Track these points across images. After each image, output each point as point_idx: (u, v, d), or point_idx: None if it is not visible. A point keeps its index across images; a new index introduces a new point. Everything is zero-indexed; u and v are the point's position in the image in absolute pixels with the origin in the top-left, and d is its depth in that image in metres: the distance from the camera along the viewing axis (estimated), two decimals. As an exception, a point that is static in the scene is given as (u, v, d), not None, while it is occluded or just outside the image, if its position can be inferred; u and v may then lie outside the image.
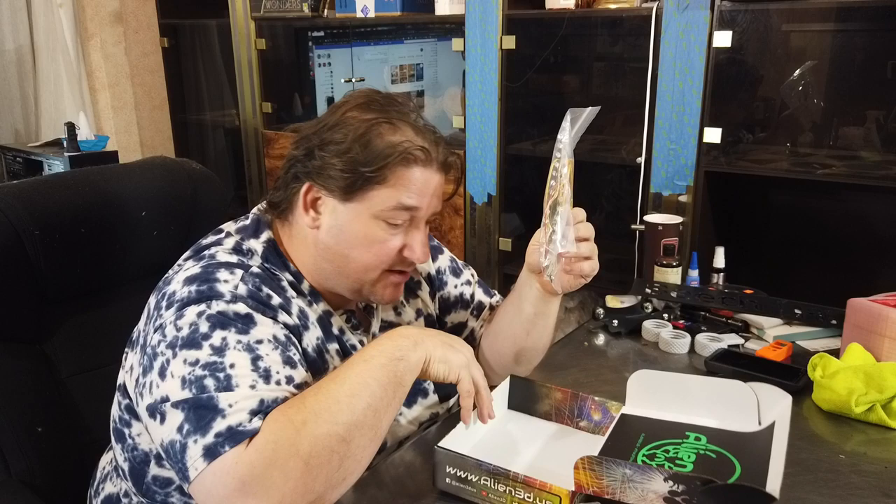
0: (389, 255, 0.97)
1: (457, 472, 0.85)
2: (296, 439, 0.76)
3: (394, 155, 0.92)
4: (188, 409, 0.80)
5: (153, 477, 0.96)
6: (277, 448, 0.75)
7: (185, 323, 0.86)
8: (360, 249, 0.96)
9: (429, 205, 0.97)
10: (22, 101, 2.86)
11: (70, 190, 1.18)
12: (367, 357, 0.86)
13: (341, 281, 0.99)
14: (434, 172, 0.97)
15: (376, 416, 0.82)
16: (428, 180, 0.96)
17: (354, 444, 0.80)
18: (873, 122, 1.74)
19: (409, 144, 0.93)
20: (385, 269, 0.98)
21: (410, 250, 0.98)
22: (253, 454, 0.75)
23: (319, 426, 0.78)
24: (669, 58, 1.72)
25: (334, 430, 0.78)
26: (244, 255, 0.97)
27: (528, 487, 0.80)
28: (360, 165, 0.92)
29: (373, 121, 0.94)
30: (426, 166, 0.95)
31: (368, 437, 0.81)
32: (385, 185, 0.93)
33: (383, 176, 0.93)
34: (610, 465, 0.78)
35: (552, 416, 1.03)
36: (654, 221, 1.59)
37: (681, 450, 0.90)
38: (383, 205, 0.94)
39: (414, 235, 0.98)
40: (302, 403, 0.80)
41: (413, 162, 0.94)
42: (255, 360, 0.83)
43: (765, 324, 1.39)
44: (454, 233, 2.22)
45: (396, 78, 2.50)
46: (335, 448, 0.78)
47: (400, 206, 0.94)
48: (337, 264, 0.98)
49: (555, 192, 0.97)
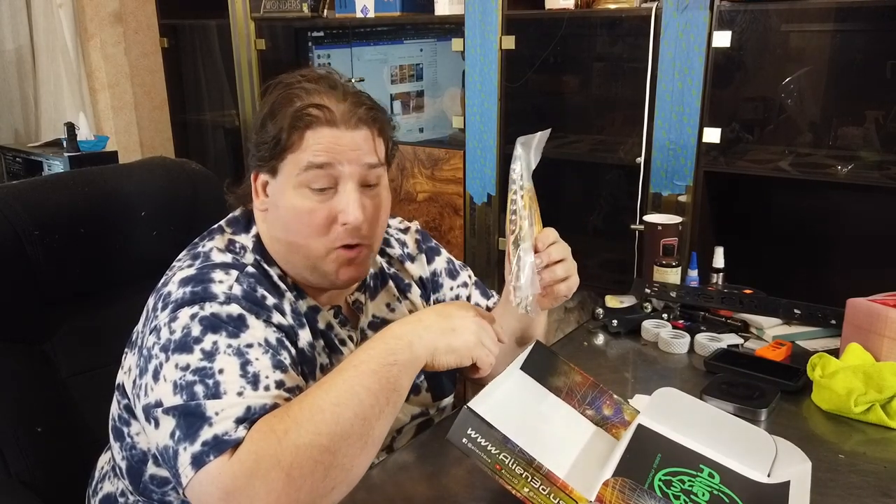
0: (321, 223, 0.95)
1: (478, 438, 0.81)
2: (277, 450, 0.75)
3: (292, 118, 0.94)
4: (178, 416, 0.80)
5: (150, 476, 0.96)
6: (259, 459, 0.75)
7: (178, 325, 0.86)
8: (295, 223, 0.96)
9: (348, 161, 0.95)
10: (22, 101, 2.86)
11: (70, 190, 1.18)
12: (357, 362, 0.83)
13: (297, 262, 0.99)
14: (343, 130, 0.95)
15: (365, 425, 0.80)
16: (337, 137, 0.94)
17: (341, 454, 0.77)
18: (872, 122, 1.74)
19: (304, 106, 0.94)
20: (328, 245, 0.96)
21: (343, 214, 0.95)
22: (235, 465, 0.75)
23: (301, 436, 0.76)
24: (669, 58, 1.73)
25: (317, 440, 0.76)
26: (237, 254, 0.98)
27: (548, 482, 0.79)
28: (271, 136, 0.95)
29: (283, 93, 0.96)
30: (329, 125, 0.94)
31: (357, 446, 0.79)
32: (293, 150, 0.94)
33: (289, 141, 0.94)
34: (643, 495, 0.78)
35: (562, 393, 1.01)
36: (654, 221, 1.59)
37: (696, 484, 0.88)
38: (297, 169, 0.94)
39: (340, 197, 0.95)
40: (286, 412, 0.79)
41: (312, 122, 0.94)
42: (244, 364, 0.83)
43: (764, 324, 1.39)
44: (454, 233, 2.23)
45: (396, 78, 2.50)
46: (319, 458, 0.76)
47: (311, 166, 0.94)
48: (286, 244, 0.98)
49: (515, 228, 0.95)
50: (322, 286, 1.02)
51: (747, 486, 0.90)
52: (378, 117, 0.99)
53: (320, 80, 0.97)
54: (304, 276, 1.00)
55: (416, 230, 1.22)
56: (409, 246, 1.19)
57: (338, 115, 0.95)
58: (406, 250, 1.18)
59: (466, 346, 0.89)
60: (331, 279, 0.99)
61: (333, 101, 0.95)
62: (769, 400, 1.12)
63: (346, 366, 0.83)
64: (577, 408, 1.01)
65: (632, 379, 1.27)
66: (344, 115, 0.95)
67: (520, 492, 0.79)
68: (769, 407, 1.11)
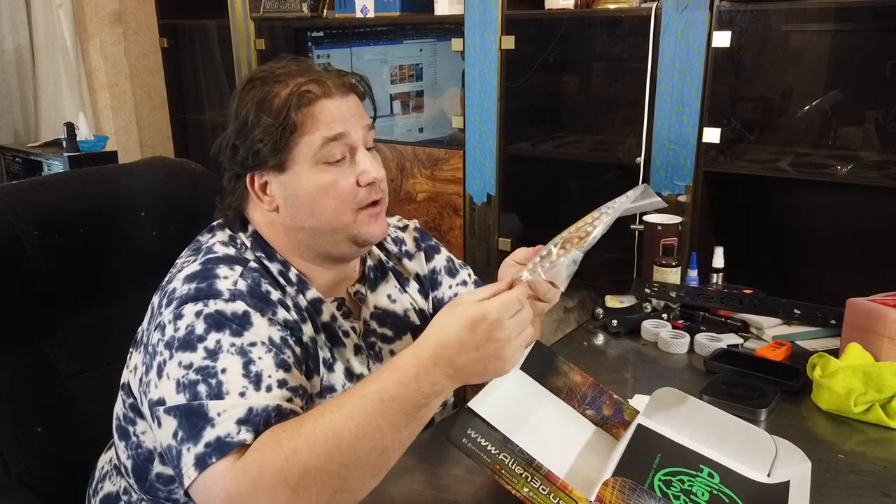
0: (347, 191, 0.97)
1: (478, 438, 0.82)
2: (284, 466, 0.74)
3: (292, 100, 0.94)
4: (181, 416, 0.80)
5: (157, 475, 0.97)
6: (263, 472, 0.74)
7: (182, 323, 0.86)
8: (320, 200, 0.96)
9: (354, 126, 0.98)
10: (21, 101, 2.86)
11: (69, 190, 1.18)
12: (385, 396, 0.77)
13: (325, 241, 1.00)
14: (340, 98, 0.98)
15: (383, 457, 0.77)
16: (339, 106, 0.97)
17: (352, 479, 0.76)
18: (872, 122, 1.74)
19: (299, 85, 0.95)
20: (354, 208, 0.98)
21: (365, 174, 0.98)
22: (239, 472, 0.75)
23: (312, 459, 0.74)
24: (668, 58, 1.73)
25: (328, 466, 0.74)
26: (239, 248, 0.98)
27: (548, 482, 0.79)
28: (272, 126, 0.94)
29: (262, 88, 0.97)
30: (328, 97, 0.96)
31: (370, 474, 0.77)
32: (303, 132, 0.95)
33: (296, 123, 0.94)
34: (643, 495, 0.78)
35: (562, 393, 1.01)
36: (654, 221, 1.59)
37: (696, 484, 0.89)
38: (313, 148, 0.95)
39: (359, 161, 0.98)
40: (298, 428, 0.77)
41: (314, 98, 0.95)
42: (247, 364, 0.83)
43: (764, 323, 1.39)
44: (453, 233, 2.23)
45: (396, 78, 2.50)
46: (327, 482, 0.74)
47: (327, 140, 0.95)
48: (310, 229, 0.98)
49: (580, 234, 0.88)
50: (352, 256, 1.04)
51: (747, 486, 0.90)
52: (359, 82, 1.03)
53: (288, 65, 0.99)
54: (332, 252, 1.01)
55: (415, 228, 1.22)
56: (408, 244, 1.19)
57: (331, 86, 0.97)
58: (404, 248, 1.18)
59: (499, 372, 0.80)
60: (363, 239, 1.00)
61: (320, 76, 0.98)
62: (769, 400, 1.12)
63: (370, 394, 0.77)
64: (577, 408, 1.01)
65: (631, 379, 1.28)
66: (335, 84, 0.98)
67: (520, 492, 0.79)
68: (769, 407, 1.11)
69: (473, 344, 0.77)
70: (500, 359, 0.78)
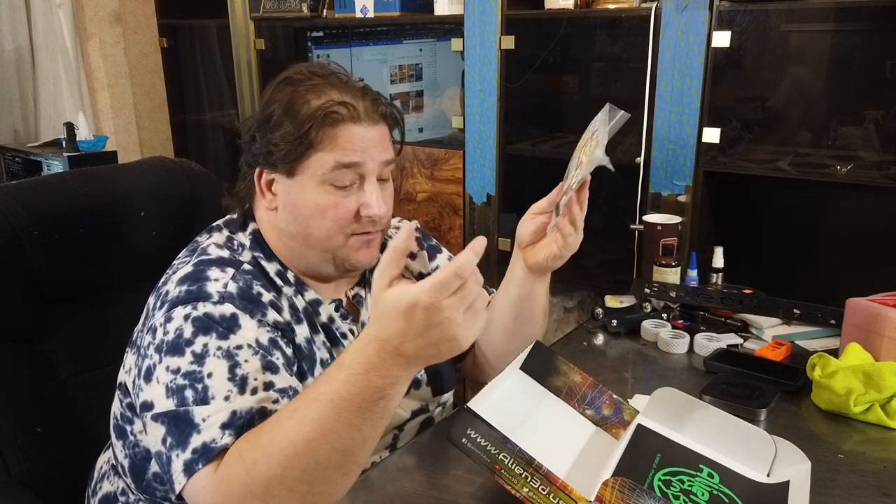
0: (345, 217, 0.96)
1: (478, 438, 0.82)
2: (247, 479, 0.75)
3: (318, 116, 0.93)
4: (169, 423, 0.81)
5: (153, 474, 0.97)
6: (231, 484, 0.76)
7: (171, 326, 0.87)
8: (316, 219, 0.96)
9: (372, 158, 0.96)
10: (21, 101, 2.86)
11: (69, 190, 1.18)
12: (335, 397, 0.74)
13: (312, 256, 0.99)
14: (367, 126, 0.96)
15: (346, 456, 0.76)
16: (362, 135, 0.96)
17: (318, 482, 0.75)
18: (872, 122, 1.73)
19: (330, 103, 0.94)
20: (348, 233, 0.97)
21: (366, 207, 0.97)
22: (212, 486, 0.77)
23: (271, 468, 0.74)
24: (668, 58, 1.72)
25: (289, 472, 0.74)
26: (234, 251, 0.98)
27: (548, 482, 0.79)
28: (291, 135, 0.93)
29: (295, 90, 0.96)
30: (355, 122, 0.95)
31: (337, 475, 0.76)
32: (320, 149, 0.94)
33: (315, 140, 0.93)
34: (643, 495, 0.78)
35: (562, 393, 1.01)
36: (653, 221, 1.59)
37: (695, 484, 0.89)
38: (324, 168, 0.94)
39: (366, 192, 0.97)
40: (257, 440, 0.77)
41: (340, 120, 0.94)
42: (232, 367, 0.84)
43: (763, 323, 1.39)
44: (453, 233, 2.22)
45: (395, 78, 2.50)
46: (293, 487, 0.74)
47: (339, 166, 0.94)
48: (301, 240, 0.98)
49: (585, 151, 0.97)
50: (334, 276, 1.03)
51: (747, 486, 0.90)
52: (393, 114, 1.02)
53: (328, 76, 0.98)
54: (317, 268, 1.01)
55: (416, 228, 1.22)
56: None
57: (361, 111, 0.96)
58: None
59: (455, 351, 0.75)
60: (350, 263, 1.00)
61: (355, 97, 0.96)
62: (769, 400, 1.12)
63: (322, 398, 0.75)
64: (577, 408, 1.01)
65: (631, 379, 1.27)
66: (367, 111, 0.96)
67: (519, 492, 0.79)
68: (769, 407, 1.11)
69: (415, 332, 0.72)
70: (450, 339, 0.72)
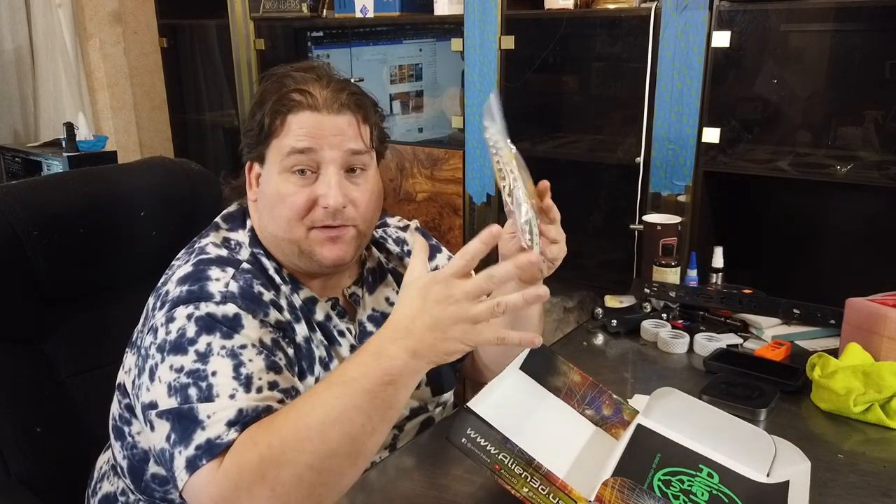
0: (300, 205, 0.95)
1: (477, 438, 0.81)
2: (259, 464, 0.74)
3: (273, 103, 0.95)
4: (173, 420, 0.81)
5: (152, 475, 0.97)
6: (241, 472, 0.75)
7: (174, 326, 0.86)
8: (278, 207, 0.96)
9: (331, 146, 0.95)
10: (21, 101, 2.86)
11: (69, 190, 1.18)
12: (348, 378, 0.77)
13: (287, 249, 0.99)
14: (326, 115, 0.96)
15: (355, 444, 0.76)
16: (319, 122, 0.95)
17: (327, 471, 0.75)
18: (872, 122, 1.74)
19: (286, 91, 0.95)
20: (307, 225, 0.96)
21: (322, 198, 0.95)
22: (221, 476, 0.76)
23: (285, 453, 0.74)
24: (668, 58, 1.72)
25: (302, 458, 0.74)
26: (232, 249, 0.98)
27: (547, 482, 0.79)
28: (257, 122, 0.96)
29: (269, 83, 0.98)
30: (312, 109, 0.95)
31: (346, 464, 0.76)
32: (275, 136, 0.96)
33: (270, 126, 0.95)
34: (643, 495, 0.78)
35: (561, 393, 1.01)
36: (653, 221, 1.59)
37: (695, 484, 0.89)
38: (281, 155, 0.96)
39: (323, 181, 0.96)
40: (270, 425, 0.77)
41: (295, 106, 0.95)
42: (237, 366, 0.83)
43: (763, 323, 1.40)
44: (453, 233, 2.22)
45: (395, 78, 2.50)
46: (303, 475, 0.74)
47: (294, 151, 0.95)
48: (271, 229, 0.99)
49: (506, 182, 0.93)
50: (314, 272, 1.02)
51: (746, 486, 0.90)
52: (361, 102, 0.99)
53: (309, 70, 0.99)
54: (295, 263, 1.01)
55: (416, 228, 1.22)
56: (410, 243, 1.19)
57: (320, 100, 0.96)
58: (406, 248, 1.18)
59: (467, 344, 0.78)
60: (318, 260, 0.98)
61: (317, 87, 0.97)
62: (768, 400, 1.12)
63: (336, 380, 0.78)
64: (577, 408, 1.01)
65: (631, 379, 1.28)
66: (327, 100, 0.96)
67: (519, 492, 0.79)
68: (768, 407, 1.11)
69: (424, 308, 0.75)
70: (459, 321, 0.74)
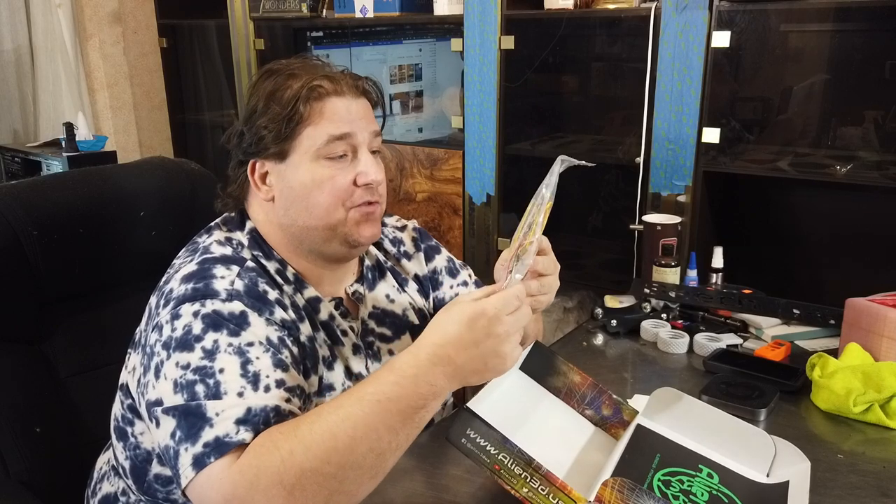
0: (343, 188, 0.97)
1: (477, 438, 0.81)
2: (280, 468, 0.74)
3: (303, 92, 0.96)
4: (179, 416, 0.80)
5: (155, 475, 0.96)
6: (260, 473, 0.74)
7: (179, 323, 0.86)
8: (315, 194, 0.97)
9: (361, 129, 0.99)
10: (20, 101, 2.86)
11: (68, 190, 1.18)
12: (383, 398, 0.77)
13: (316, 237, 1.00)
14: (351, 98, 0.99)
15: (380, 459, 0.76)
16: (347, 106, 0.99)
17: (349, 482, 0.75)
18: (871, 122, 1.74)
19: (312, 80, 0.97)
20: (348, 206, 0.98)
21: (363, 175, 0.98)
22: (236, 474, 0.75)
23: (309, 460, 0.74)
24: (668, 58, 1.72)
25: (324, 468, 0.74)
26: (235, 248, 0.98)
27: (547, 482, 0.79)
28: (279, 115, 0.96)
29: (276, 79, 0.98)
30: (339, 95, 0.98)
31: (367, 476, 0.76)
32: (309, 124, 0.96)
33: (303, 115, 0.96)
34: (642, 495, 0.78)
35: (561, 393, 1.01)
36: (653, 221, 1.60)
37: (695, 484, 0.89)
38: (316, 142, 0.96)
39: (361, 161, 0.99)
40: (294, 430, 0.77)
41: (325, 94, 0.97)
42: (244, 364, 0.83)
43: (763, 323, 1.40)
44: (453, 233, 2.22)
45: (395, 78, 2.50)
46: (323, 483, 0.74)
47: (332, 138, 0.97)
48: (302, 222, 0.99)
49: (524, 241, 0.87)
50: (338, 257, 1.03)
51: (746, 486, 0.90)
52: (373, 89, 1.05)
53: (306, 60, 1.02)
54: (322, 250, 1.01)
55: (414, 228, 1.22)
56: (406, 244, 1.19)
57: (343, 86, 0.99)
58: (402, 248, 1.18)
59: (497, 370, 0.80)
60: (355, 240, 1.00)
61: (331, 74, 1.00)
62: (768, 400, 1.12)
63: (368, 397, 0.77)
64: (577, 408, 1.01)
65: (631, 379, 1.28)
66: (349, 86, 0.99)
67: (519, 492, 0.79)
68: (768, 407, 1.11)
69: (472, 340, 0.77)
70: (499, 356, 0.78)
